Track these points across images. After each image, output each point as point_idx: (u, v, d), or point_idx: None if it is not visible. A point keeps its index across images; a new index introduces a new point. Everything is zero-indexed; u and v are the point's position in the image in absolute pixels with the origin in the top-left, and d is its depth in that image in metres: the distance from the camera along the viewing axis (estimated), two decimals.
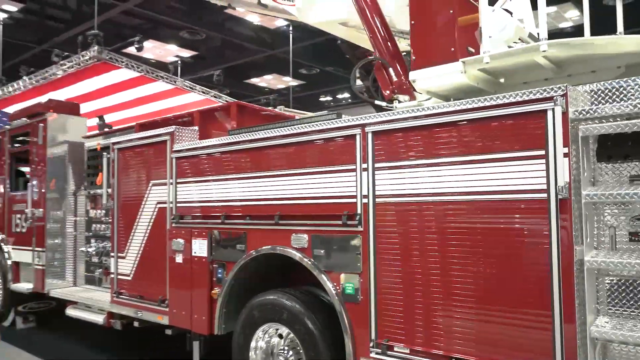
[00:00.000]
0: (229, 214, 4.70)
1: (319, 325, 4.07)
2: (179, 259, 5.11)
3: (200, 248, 4.91)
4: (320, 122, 4.06)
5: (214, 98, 17.18)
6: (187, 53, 19.90)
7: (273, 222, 4.30)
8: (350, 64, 4.87)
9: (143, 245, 5.59)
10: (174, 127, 5.20)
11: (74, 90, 15.87)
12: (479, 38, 3.51)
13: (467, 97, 3.69)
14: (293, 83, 22.70)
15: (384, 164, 3.66)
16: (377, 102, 4.33)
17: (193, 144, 5.07)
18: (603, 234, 3.02)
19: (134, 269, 5.69)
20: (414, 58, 3.75)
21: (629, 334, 2.73)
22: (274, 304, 4.31)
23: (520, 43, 4.38)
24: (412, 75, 3.74)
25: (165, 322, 5.21)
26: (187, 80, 17.07)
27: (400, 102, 4.16)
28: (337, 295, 3.91)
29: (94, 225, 6.89)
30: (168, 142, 5.22)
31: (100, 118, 7.57)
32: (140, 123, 6.08)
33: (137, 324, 5.67)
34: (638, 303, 2.88)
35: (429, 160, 3.44)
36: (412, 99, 4.08)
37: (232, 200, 4.70)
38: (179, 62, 19.71)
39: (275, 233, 4.32)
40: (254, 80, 23.36)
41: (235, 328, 4.60)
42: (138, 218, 5.66)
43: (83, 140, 7.16)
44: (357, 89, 4.51)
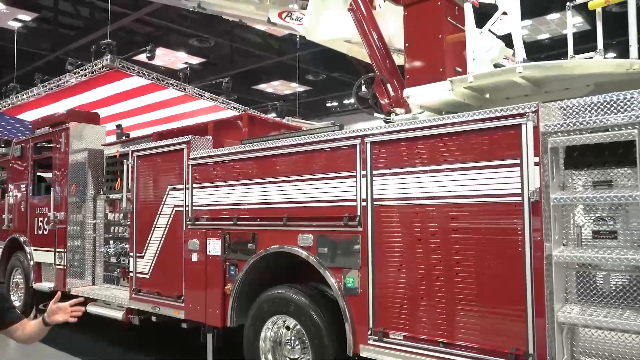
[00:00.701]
0: (241, 216, 5.21)
1: (323, 317, 4.56)
2: (195, 258, 5.62)
3: (214, 248, 5.43)
4: (324, 133, 4.58)
5: (223, 104, 17.77)
6: (196, 60, 20.52)
7: (281, 223, 4.81)
8: (356, 71, 5.37)
9: (160, 246, 6.11)
10: (190, 136, 5.74)
11: (87, 98, 16.53)
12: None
13: (456, 110, 4.21)
14: (300, 89, 23.27)
15: (381, 171, 4.16)
16: (376, 114, 4.84)
17: (208, 152, 5.60)
18: (571, 232, 3.50)
19: (152, 268, 6.21)
20: (408, 76, 4.26)
21: (589, 318, 3.21)
22: (282, 298, 4.81)
23: (509, 61, 4.91)
24: (406, 92, 4.25)
25: (182, 316, 5.72)
26: (196, 88, 17.67)
27: (397, 114, 4.66)
28: (339, 289, 4.40)
29: (113, 228, 7.42)
30: (185, 150, 5.75)
31: (119, 127, 8.14)
32: (158, 132, 6.62)
33: (154, 319, 6.19)
34: (600, 292, 3.36)
35: (420, 168, 3.94)
36: (407, 112, 4.57)
37: (243, 204, 5.22)
38: (188, 68, 20.33)
39: (283, 233, 4.83)
40: (262, 86, 23.96)
41: (247, 320, 5.10)
42: (156, 220, 6.18)
43: (102, 148, 7.71)
44: (358, 102, 5.02)
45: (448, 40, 4.02)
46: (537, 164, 3.40)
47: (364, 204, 4.24)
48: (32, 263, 8.15)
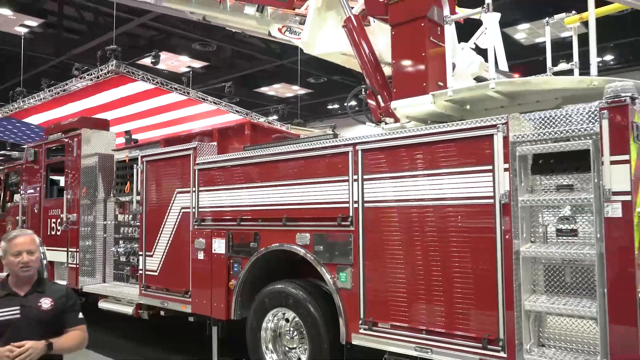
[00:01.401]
0: (244, 217, 5.69)
1: (319, 310, 5.04)
2: (201, 256, 6.11)
3: (219, 246, 5.91)
4: (320, 141, 5.07)
5: (225, 108, 18.28)
6: (198, 64, 21.01)
7: (281, 223, 5.29)
8: (356, 75, 5.80)
9: (169, 245, 6.61)
10: (197, 142, 6.23)
11: (92, 102, 17.07)
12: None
13: (440, 120, 4.69)
14: (301, 92, 23.74)
15: (371, 176, 4.64)
16: (367, 123, 5.32)
17: (213, 158, 6.09)
18: (539, 231, 3.97)
19: (160, 266, 6.70)
20: (395, 90, 4.74)
21: (551, 306, 3.68)
22: (282, 292, 5.29)
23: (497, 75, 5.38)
24: (393, 104, 4.73)
25: (189, 310, 6.21)
26: (199, 92, 18.17)
27: (387, 123, 5.13)
28: (333, 284, 4.88)
29: (122, 229, 7.92)
30: (191, 155, 6.24)
31: (127, 133, 8.63)
32: (165, 138, 7.12)
33: (163, 313, 6.69)
34: (563, 283, 3.82)
35: (405, 173, 4.42)
36: (396, 121, 5.03)
37: (246, 206, 5.70)
38: (191, 72, 20.82)
39: (283, 233, 5.31)
40: (264, 89, 24.41)
41: (249, 313, 5.59)
42: (164, 221, 6.68)
43: (112, 153, 8.21)
44: (350, 112, 5.51)
45: (430, 58, 4.49)
46: (506, 170, 3.87)
47: (356, 206, 4.71)
48: (45, 262, 8.64)
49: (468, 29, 5.88)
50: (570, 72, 5.41)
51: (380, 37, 5.42)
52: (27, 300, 3.27)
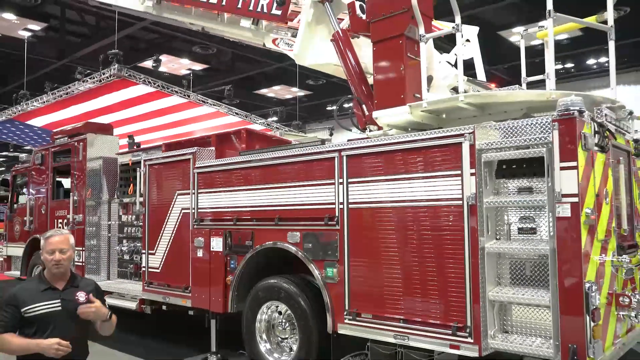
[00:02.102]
0: (240, 217, 6.19)
1: (309, 302, 5.54)
2: (200, 254, 6.61)
3: (217, 244, 6.41)
4: (309, 147, 5.57)
5: (225, 110, 18.80)
6: (199, 66, 21.52)
7: (274, 223, 5.79)
8: None
9: (170, 243, 7.11)
10: (196, 148, 6.74)
11: (95, 104, 17.62)
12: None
13: (419, 128, 5.19)
14: (300, 93, 24.26)
15: (355, 179, 5.14)
16: (353, 130, 5.81)
17: (211, 162, 6.60)
18: (503, 229, 4.46)
19: (162, 263, 7.21)
20: (376, 101, 5.24)
21: (511, 296, 4.17)
22: (275, 286, 5.79)
23: (468, 85, 5.88)
24: (375, 114, 5.22)
25: (189, 304, 6.71)
26: (199, 94, 18.69)
27: (371, 130, 5.62)
28: (321, 278, 5.38)
29: (126, 228, 8.43)
30: (191, 160, 6.75)
31: (130, 137, 9.14)
32: (167, 143, 7.61)
33: (164, 308, 7.19)
34: (524, 276, 4.31)
35: (385, 177, 4.91)
36: (379, 129, 5.52)
37: (242, 207, 6.20)
38: (191, 74, 21.34)
39: (276, 232, 5.81)
40: (263, 91, 24.92)
41: (245, 306, 6.09)
42: (165, 221, 7.18)
43: (116, 156, 8.72)
44: (337, 120, 6.00)
45: (408, 72, 4.98)
46: (473, 174, 4.36)
47: (341, 207, 5.21)
48: None
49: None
50: (543, 82, 5.87)
51: (366, 50, 5.89)
52: (65, 294, 3.57)
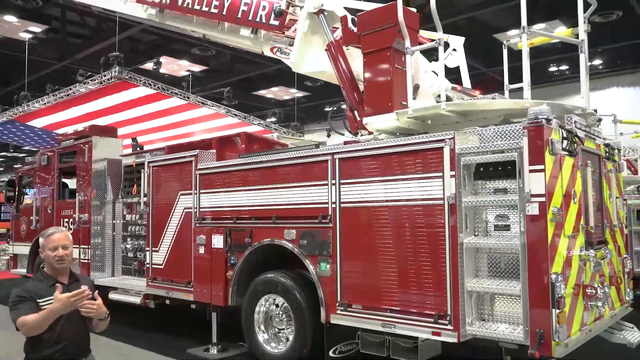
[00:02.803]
0: (239, 216, 6.67)
1: (304, 295, 6.01)
2: (202, 251, 7.09)
3: (218, 242, 6.89)
4: (304, 150, 6.05)
5: (224, 112, 19.28)
6: (198, 68, 21.99)
7: (271, 221, 6.27)
8: None
9: (173, 241, 7.59)
10: (198, 150, 7.22)
11: (96, 106, 18.09)
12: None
13: (407, 133, 5.66)
14: (299, 94, 24.74)
15: (347, 180, 5.62)
16: (346, 133, 6.29)
17: (213, 164, 7.08)
18: (481, 226, 4.94)
19: (165, 260, 7.69)
20: (366, 108, 5.73)
21: (487, 287, 4.64)
22: (273, 280, 6.27)
23: (455, 91, 6.36)
24: (365, 120, 5.71)
25: (191, 298, 7.19)
26: (199, 96, 19.16)
27: (362, 135, 6.10)
28: (315, 273, 5.86)
29: (130, 227, 8.90)
30: (193, 162, 7.23)
31: (134, 139, 9.61)
32: (169, 146, 8.10)
33: (168, 302, 7.67)
34: (499, 268, 4.78)
35: (374, 178, 5.39)
36: (370, 134, 6.01)
37: (241, 206, 6.68)
38: (191, 76, 21.82)
39: (273, 230, 6.29)
40: (262, 92, 25.38)
41: (244, 300, 6.57)
42: (169, 220, 7.66)
43: (120, 158, 9.19)
44: (331, 124, 6.49)
45: (395, 81, 5.46)
46: (452, 176, 4.84)
47: (334, 206, 5.69)
48: None
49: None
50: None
51: (358, 59, 6.36)
52: (72, 288, 3.61)
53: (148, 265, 7.92)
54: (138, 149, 9.36)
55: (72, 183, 10.14)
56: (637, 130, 11.54)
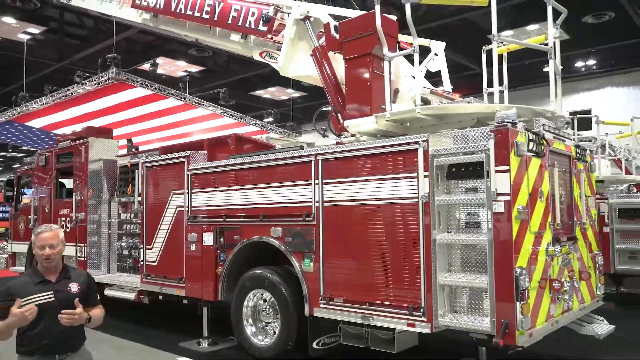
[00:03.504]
0: (229, 215, 7.01)
1: (290, 290, 6.34)
2: (193, 248, 7.42)
3: (209, 239, 7.22)
4: (289, 151, 6.39)
5: (220, 112, 19.62)
6: (195, 68, 22.33)
7: (258, 219, 6.60)
8: None
9: (166, 239, 7.93)
10: (190, 151, 7.55)
11: (93, 107, 18.44)
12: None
13: (386, 134, 5.99)
14: (295, 94, 25.08)
15: (329, 180, 5.95)
16: (330, 135, 6.63)
17: (204, 165, 7.42)
18: (454, 223, 5.27)
19: (159, 257, 8.02)
20: (347, 111, 6.06)
21: (458, 281, 4.97)
22: (260, 276, 6.61)
23: (436, 94, 6.68)
24: (345, 123, 6.04)
25: (183, 294, 7.53)
26: (195, 96, 19.51)
27: (345, 137, 6.43)
28: (300, 268, 6.19)
29: (125, 226, 9.23)
30: (185, 162, 7.56)
31: (129, 140, 9.95)
32: (163, 147, 8.43)
33: (161, 298, 8.01)
34: (471, 263, 5.10)
35: (355, 178, 5.72)
36: (353, 135, 6.34)
37: (231, 205, 7.02)
38: (188, 76, 22.16)
39: (260, 227, 6.62)
40: (259, 92, 25.74)
41: (233, 295, 6.91)
42: (162, 218, 8.00)
43: (116, 159, 9.53)
44: (316, 127, 6.82)
45: (374, 86, 5.80)
46: (426, 176, 5.17)
47: (317, 205, 6.02)
48: None
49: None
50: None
51: (342, 64, 6.70)
52: (58, 286, 3.77)
53: (142, 263, 8.25)
54: (133, 150, 9.68)
55: (69, 183, 10.49)
56: (621, 131, 11.85)
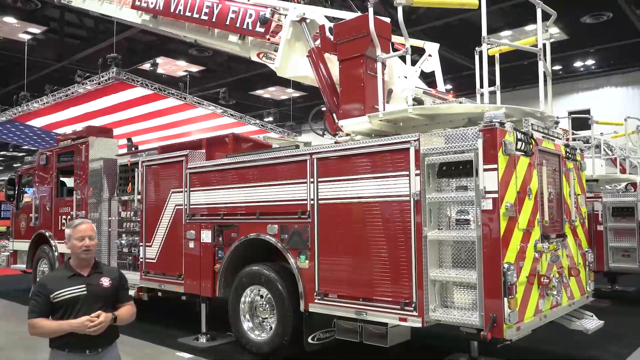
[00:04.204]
0: (227, 213, 7.17)
1: (285, 286, 6.50)
2: (192, 245, 7.59)
3: (207, 236, 7.39)
4: (285, 150, 6.55)
5: (220, 112, 19.79)
6: (195, 68, 22.53)
7: (255, 217, 6.77)
8: None
9: (165, 236, 8.09)
10: (188, 150, 7.72)
11: (94, 106, 18.62)
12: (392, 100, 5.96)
13: (380, 134, 6.15)
14: (295, 94, 25.25)
15: (324, 179, 6.11)
16: (326, 134, 6.80)
17: (202, 163, 7.58)
18: (445, 220, 5.43)
19: (158, 254, 8.19)
20: (341, 111, 6.22)
21: (448, 276, 5.14)
22: (257, 273, 6.78)
23: (430, 95, 6.83)
24: (340, 123, 6.21)
25: (182, 290, 7.70)
26: (195, 96, 19.69)
27: (340, 136, 6.60)
28: (295, 265, 6.35)
29: (125, 224, 9.39)
30: (184, 161, 7.73)
31: (129, 140, 10.12)
32: (162, 146, 8.59)
33: (160, 294, 8.18)
34: (461, 259, 5.26)
35: (349, 176, 5.88)
36: (348, 135, 6.50)
37: (228, 203, 7.18)
38: (188, 76, 22.35)
39: (257, 225, 6.79)
40: (259, 92, 25.95)
41: (231, 291, 7.07)
42: (161, 216, 8.17)
43: (116, 158, 9.70)
44: (312, 127, 6.99)
45: (367, 87, 5.96)
46: (417, 175, 5.33)
47: (312, 203, 6.19)
48: (57, 254, 10.15)
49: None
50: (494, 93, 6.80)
51: (337, 65, 6.86)
52: (90, 279, 3.74)
53: (142, 260, 8.42)
54: (133, 149, 9.85)
55: (70, 182, 10.66)
56: (616, 131, 12.01)
